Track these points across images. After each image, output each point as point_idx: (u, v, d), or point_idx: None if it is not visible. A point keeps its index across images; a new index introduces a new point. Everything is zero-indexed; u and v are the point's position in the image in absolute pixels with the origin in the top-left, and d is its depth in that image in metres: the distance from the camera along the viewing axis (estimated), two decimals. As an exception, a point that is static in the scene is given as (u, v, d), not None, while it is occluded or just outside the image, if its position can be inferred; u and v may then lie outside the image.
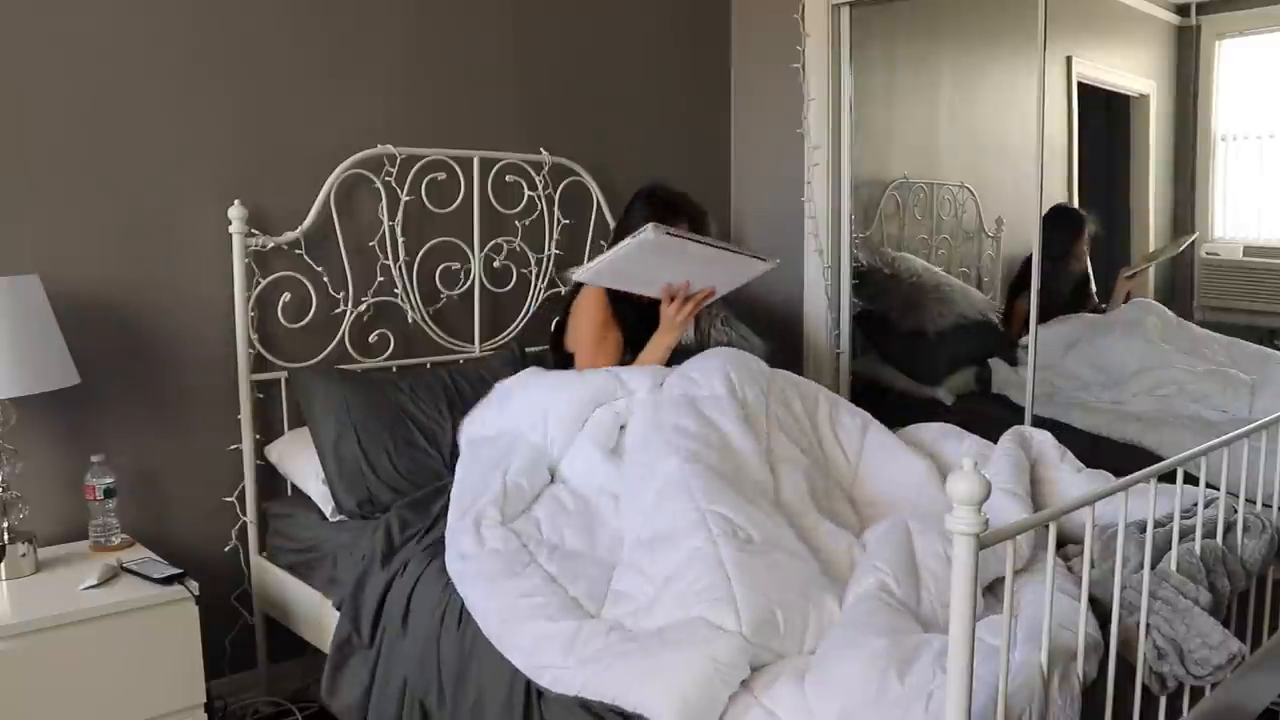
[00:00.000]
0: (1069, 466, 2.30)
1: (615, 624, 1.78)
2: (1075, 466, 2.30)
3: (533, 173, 3.11)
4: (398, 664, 2.08)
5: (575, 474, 2.29)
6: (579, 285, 2.67)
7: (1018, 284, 3.42)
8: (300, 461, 2.57)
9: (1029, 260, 3.08)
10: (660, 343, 2.58)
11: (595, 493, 2.21)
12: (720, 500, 1.93)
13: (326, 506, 2.48)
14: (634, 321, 2.65)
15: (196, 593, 2.18)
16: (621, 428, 2.32)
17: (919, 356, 3.54)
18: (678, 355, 2.61)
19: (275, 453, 2.66)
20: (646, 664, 1.61)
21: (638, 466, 2.14)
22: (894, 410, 3.48)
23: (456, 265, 3.01)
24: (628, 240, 2.33)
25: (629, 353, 2.65)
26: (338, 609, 2.23)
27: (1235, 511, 2.03)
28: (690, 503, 1.93)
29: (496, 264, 3.09)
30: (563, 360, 2.69)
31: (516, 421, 2.43)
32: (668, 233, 2.29)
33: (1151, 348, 3.25)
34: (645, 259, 2.39)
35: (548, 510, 2.17)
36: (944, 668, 1.43)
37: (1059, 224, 3.28)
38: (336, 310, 2.79)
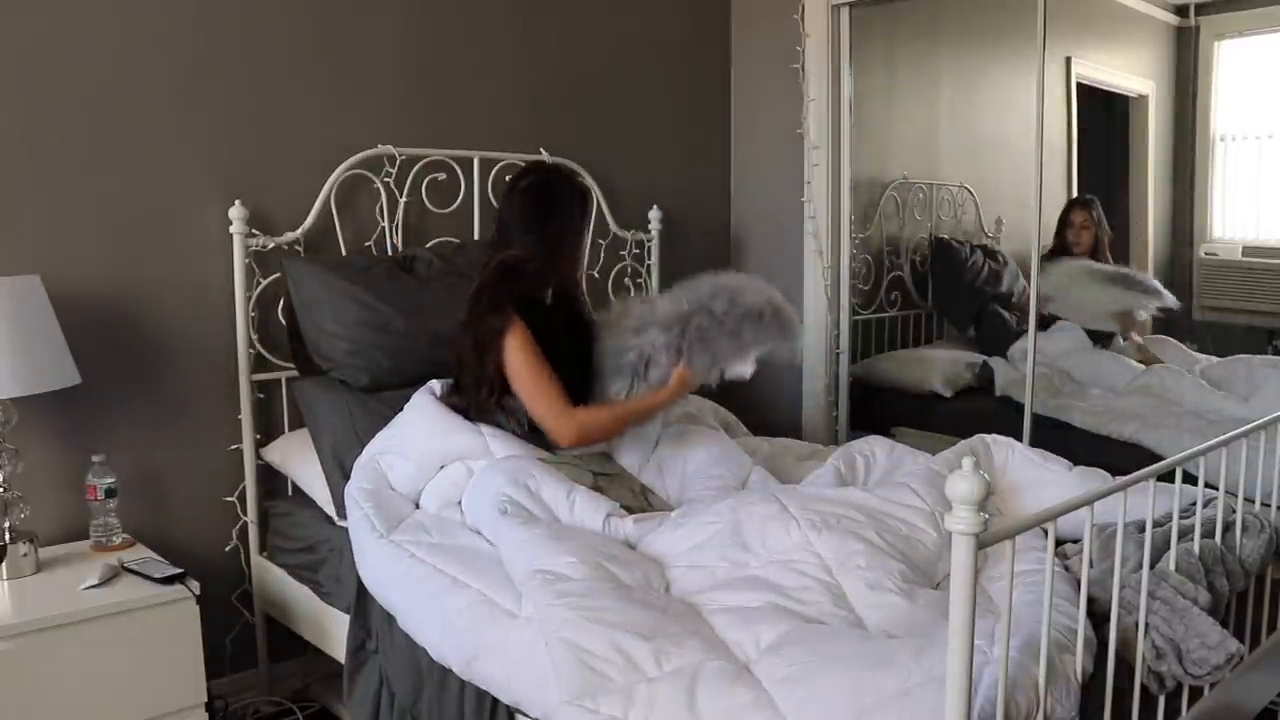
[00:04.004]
0: (1058, 465, 2.28)
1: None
2: (1064, 465, 2.28)
3: (533, 173, 3.11)
4: (390, 671, 2.06)
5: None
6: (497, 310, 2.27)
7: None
8: (304, 463, 2.55)
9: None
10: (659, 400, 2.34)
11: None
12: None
13: (332, 509, 2.46)
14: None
15: (197, 592, 2.19)
16: None
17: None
18: None
19: (277, 454, 2.65)
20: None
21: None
22: (890, 409, 3.50)
23: (457, 265, 3.00)
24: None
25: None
26: (346, 612, 2.22)
27: (1234, 511, 2.03)
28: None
29: (496, 264, 3.09)
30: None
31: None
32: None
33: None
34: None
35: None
36: (921, 666, 1.43)
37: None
38: (337, 310, 2.79)
